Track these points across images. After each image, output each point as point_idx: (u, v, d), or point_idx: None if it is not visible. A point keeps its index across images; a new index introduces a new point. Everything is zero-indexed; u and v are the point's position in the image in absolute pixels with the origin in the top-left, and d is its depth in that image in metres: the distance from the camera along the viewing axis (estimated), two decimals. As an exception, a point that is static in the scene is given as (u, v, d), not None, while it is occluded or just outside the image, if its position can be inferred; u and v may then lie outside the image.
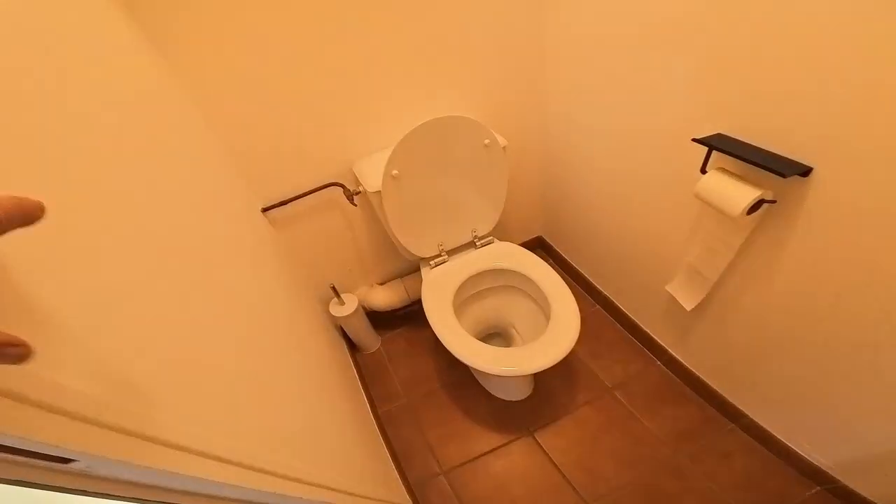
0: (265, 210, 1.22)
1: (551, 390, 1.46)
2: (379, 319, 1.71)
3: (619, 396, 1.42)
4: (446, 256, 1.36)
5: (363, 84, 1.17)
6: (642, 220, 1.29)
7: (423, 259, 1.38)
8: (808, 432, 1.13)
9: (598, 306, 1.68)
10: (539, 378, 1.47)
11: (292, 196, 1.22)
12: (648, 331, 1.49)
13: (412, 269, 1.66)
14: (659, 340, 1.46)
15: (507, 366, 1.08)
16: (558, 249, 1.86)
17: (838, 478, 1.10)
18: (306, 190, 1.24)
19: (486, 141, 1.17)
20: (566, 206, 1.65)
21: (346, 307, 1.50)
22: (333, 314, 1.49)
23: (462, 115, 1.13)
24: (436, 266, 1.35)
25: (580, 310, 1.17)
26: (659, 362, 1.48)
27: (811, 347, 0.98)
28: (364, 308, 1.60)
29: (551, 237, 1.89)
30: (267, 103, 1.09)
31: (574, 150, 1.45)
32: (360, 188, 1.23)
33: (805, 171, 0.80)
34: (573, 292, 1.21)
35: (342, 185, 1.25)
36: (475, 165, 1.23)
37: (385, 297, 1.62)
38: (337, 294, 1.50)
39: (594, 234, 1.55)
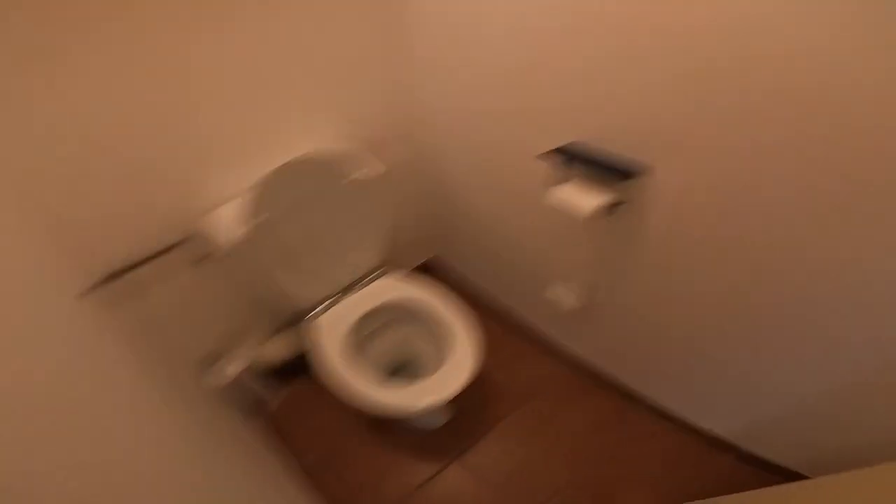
0: (90, 290, 0.99)
1: (469, 410, 1.43)
2: (277, 371, 1.54)
3: (534, 401, 1.45)
4: (333, 300, 1.26)
5: (202, 124, 1.01)
6: (521, 231, 1.32)
7: (306, 307, 1.26)
8: (702, 406, 1.24)
9: (497, 317, 1.70)
10: (454, 401, 1.43)
11: (128, 265, 1.02)
12: (545, 334, 1.54)
13: (299, 317, 1.52)
14: (556, 341, 1.52)
15: (410, 403, 1.04)
16: (455, 266, 1.85)
17: (740, 445, 1.21)
18: (146, 256, 1.04)
19: (357, 174, 1.10)
20: (457, 222, 1.64)
21: (232, 369, 1.33)
22: (217, 380, 1.30)
23: (326, 148, 1.05)
24: (323, 312, 1.24)
25: (480, 323, 1.17)
26: (561, 361, 1.53)
27: (681, 327, 1.08)
28: (255, 365, 1.44)
29: (448, 255, 1.87)
30: (81, 158, 0.89)
31: (454, 165, 1.44)
32: (215, 245, 1.08)
33: (647, 171, 0.87)
34: (472, 306, 1.20)
35: (191, 244, 1.09)
36: (349, 200, 1.15)
37: (275, 351, 1.46)
38: (216, 359, 1.31)
39: (485, 248, 1.56)
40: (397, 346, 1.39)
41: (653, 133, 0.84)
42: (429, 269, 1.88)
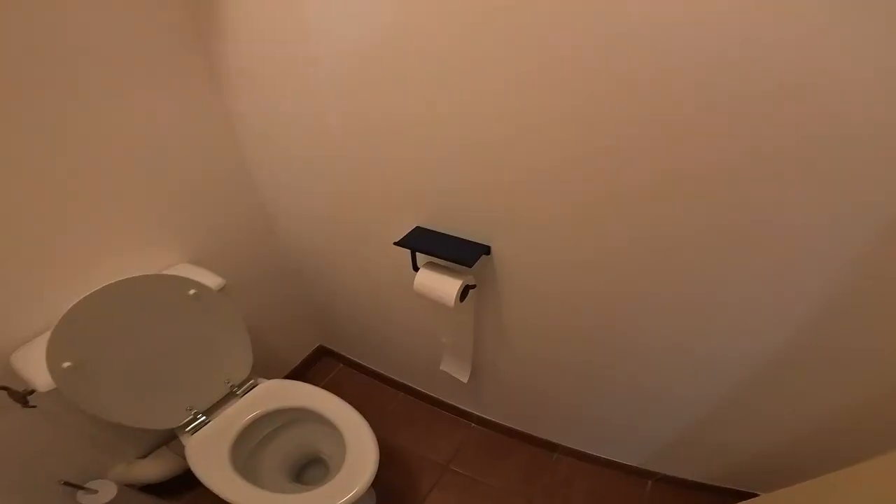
0: None
1: (394, 490, 1.35)
2: (166, 486, 1.34)
3: (456, 468, 1.40)
4: (204, 417, 1.11)
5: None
6: (398, 313, 1.30)
7: (174, 428, 1.11)
8: (610, 443, 1.27)
9: (401, 393, 1.64)
10: (377, 484, 1.34)
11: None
12: (451, 402, 1.52)
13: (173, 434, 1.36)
14: (463, 407, 1.49)
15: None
16: (343, 352, 1.75)
17: (656, 470, 1.25)
18: None
19: (192, 291, 0.99)
20: (335, 309, 1.57)
21: (102, 495, 1.13)
22: (91, 502, 1.10)
23: (149, 270, 0.96)
24: (195, 430, 1.09)
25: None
26: (473, 425, 1.51)
27: (558, 377, 1.12)
28: (132, 485, 1.24)
29: (334, 342, 1.76)
30: None
31: (315, 259, 1.39)
32: (32, 386, 0.90)
33: (487, 250, 0.87)
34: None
35: (6, 388, 0.90)
36: (193, 319, 1.04)
37: (153, 470, 1.26)
38: (79, 487, 1.11)
39: (370, 330, 1.51)
40: (297, 446, 1.26)
41: (488, 216, 0.88)
42: (317, 360, 1.79)
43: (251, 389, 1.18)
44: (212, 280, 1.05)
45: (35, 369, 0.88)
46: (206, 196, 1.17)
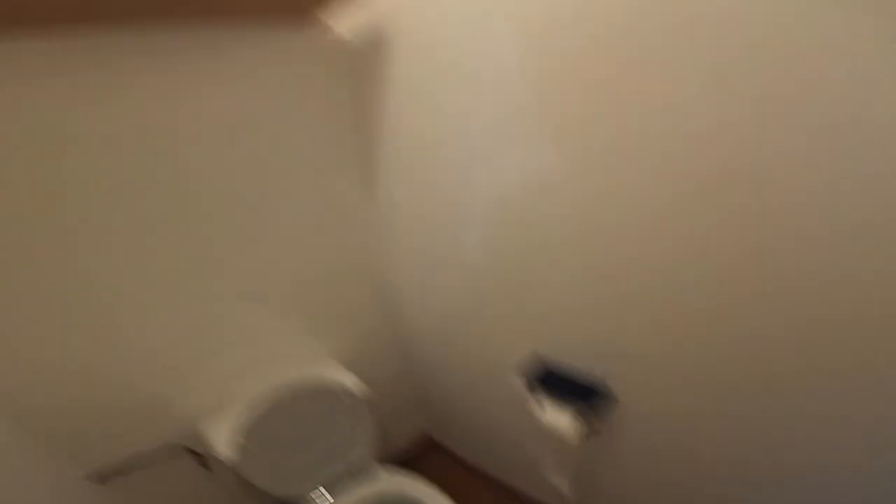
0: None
1: None
2: None
3: None
4: (326, 494, 1.24)
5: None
6: (512, 430, 1.32)
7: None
8: None
9: (506, 492, 1.57)
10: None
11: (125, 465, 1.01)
12: None
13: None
14: None
15: None
16: (452, 446, 1.78)
17: None
18: (143, 455, 1.04)
19: (347, 400, 1.20)
20: (452, 406, 1.60)
21: None
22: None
23: (314, 374, 1.17)
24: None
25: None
26: None
27: None
28: None
29: (444, 437, 1.81)
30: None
31: (436, 354, 1.48)
32: (214, 451, 1.10)
33: (615, 399, 0.88)
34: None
35: (191, 450, 1.11)
36: (338, 415, 1.23)
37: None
38: None
39: (487, 430, 1.50)
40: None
41: (619, 369, 0.89)
42: (425, 451, 1.84)
43: (370, 476, 1.29)
44: (361, 388, 1.23)
45: (219, 438, 1.09)
46: (341, 287, 1.37)
